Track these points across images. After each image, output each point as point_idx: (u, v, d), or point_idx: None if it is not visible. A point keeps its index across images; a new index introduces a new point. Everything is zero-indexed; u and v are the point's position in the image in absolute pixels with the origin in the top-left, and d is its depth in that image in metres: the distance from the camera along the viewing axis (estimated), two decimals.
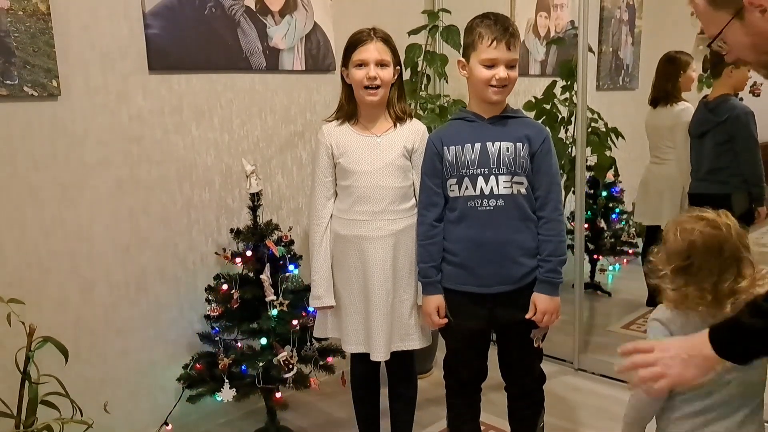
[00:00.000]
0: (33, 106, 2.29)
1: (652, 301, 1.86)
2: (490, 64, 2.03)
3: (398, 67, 2.29)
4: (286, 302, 2.56)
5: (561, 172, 3.31)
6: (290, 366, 2.55)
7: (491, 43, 2.01)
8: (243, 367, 2.57)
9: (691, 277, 1.59)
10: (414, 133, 2.28)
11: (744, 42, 1.35)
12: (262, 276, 2.54)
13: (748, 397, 1.61)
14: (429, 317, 2.21)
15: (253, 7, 2.82)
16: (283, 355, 2.54)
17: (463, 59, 2.12)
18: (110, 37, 2.45)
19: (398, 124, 2.28)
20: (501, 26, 2.02)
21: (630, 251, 4.45)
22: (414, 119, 2.35)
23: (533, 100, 3.64)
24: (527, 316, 2.10)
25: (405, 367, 2.42)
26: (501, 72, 2.02)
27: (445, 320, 2.20)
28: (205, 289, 2.68)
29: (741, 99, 3.65)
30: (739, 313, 1.37)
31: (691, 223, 1.62)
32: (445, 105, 3.30)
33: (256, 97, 2.93)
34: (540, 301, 2.10)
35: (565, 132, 3.67)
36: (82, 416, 2.06)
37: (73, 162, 2.41)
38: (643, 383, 1.42)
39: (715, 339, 1.36)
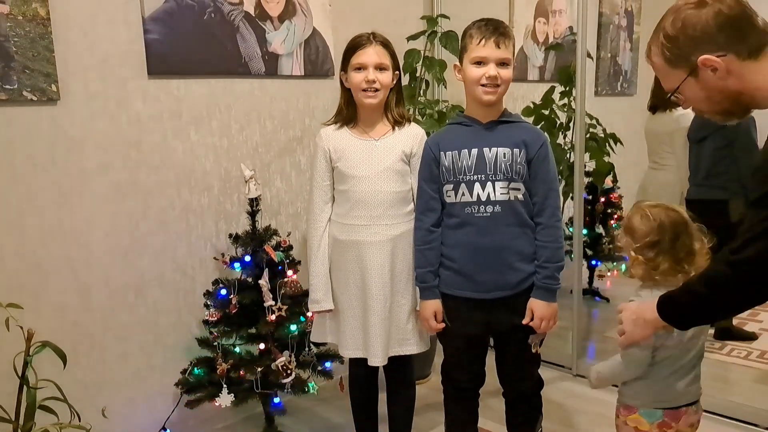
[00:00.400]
0: (32, 110, 2.30)
1: None
2: (480, 62, 2.04)
3: (397, 72, 2.29)
4: (285, 307, 2.56)
5: (559, 177, 3.33)
6: (288, 371, 2.55)
7: (480, 41, 2.03)
8: (241, 372, 2.57)
9: (664, 251, 1.79)
10: (412, 137, 2.29)
11: (699, 95, 1.53)
12: (260, 281, 2.55)
13: (698, 360, 1.86)
14: (426, 322, 2.21)
15: (252, 12, 2.83)
16: (282, 360, 2.55)
17: (458, 64, 2.14)
18: (110, 42, 2.46)
19: (396, 129, 2.29)
20: (491, 26, 2.04)
21: None
22: (413, 124, 2.35)
23: (532, 106, 3.65)
24: (524, 322, 2.11)
25: (403, 371, 2.43)
26: (491, 70, 2.02)
27: (443, 325, 2.20)
28: (204, 294, 2.68)
29: None
30: (678, 288, 1.60)
31: (653, 207, 1.84)
32: (444, 110, 3.31)
33: (255, 102, 2.94)
34: (537, 307, 2.10)
35: (564, 137, 3.68)
36: (80, 421, 2.05)
37: (72, 166, 2.41)
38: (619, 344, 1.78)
39: (660, 307, 1.63)
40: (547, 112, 3.64)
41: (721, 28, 1.45)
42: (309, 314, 2.55)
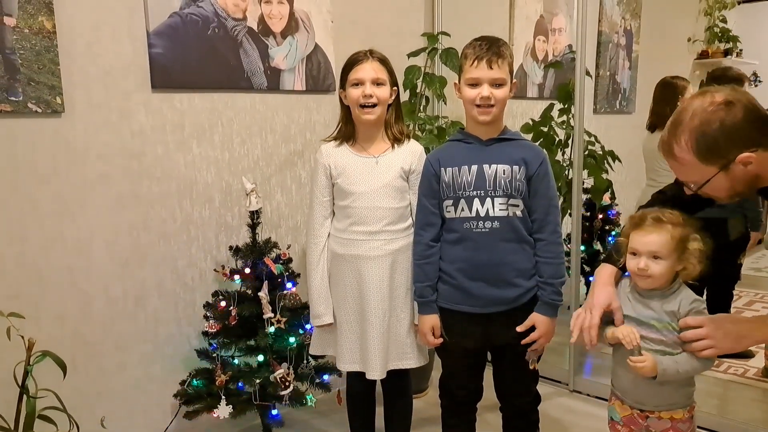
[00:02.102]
0: (37, 122, 2.32)
1: None
2: (474, 83, 2.06)
3: (395, 88, 2.32)
4: (284, 320, 2.57)
5: (558, 194, 3.34)
6: (287, 383, 2.56)
7: (473, 62, 2.05)
8: (240, 384, 2.58)
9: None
10: (411, 154, 2.31)
11: (724, 186, 1.61)
12: (260, 293, 2.56)
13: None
14: (424, 337, 2.23)
15: (255, 28, 2.86)
16: (280, 372, 2.56)
17: (457, 83, 2.16)
18: (114, 55, 2.48)
19: (396, 146, 2.31)
20: (485, 46, 2.05)
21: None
22: (412, 140, 2.38)
23: (531, 123, 3.68)
24: (520, 330, 2.12)
25: (400, 384, 2.44)
26: (484, 91, 2.04)
27: (441, 340, 2.21)
28: (204, 306, 2.69)
29: None
30: None
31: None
32: (444, 126, 3.33)
33: (257, 116, 2.96)
34: (540, 321, 2.12)
35: (562, 154, 3.71)
36: (78, 431, 2.07)
37: (75, 177, 2.43)
38: (695, 351, 1.80)
39: None
40: (546, 129, 3.67)
41: (753, 125, 1.54)
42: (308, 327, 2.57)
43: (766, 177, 1.61)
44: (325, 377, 2.73)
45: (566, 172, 3.60)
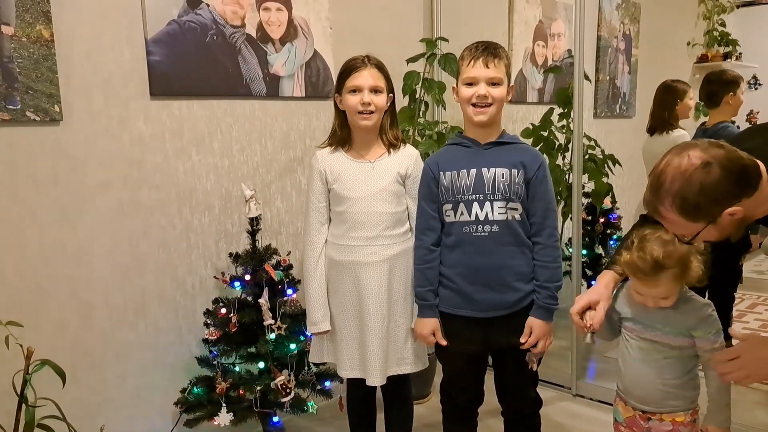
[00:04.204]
0: (35, 130, 2.32)
1: None
2: (471, 82, 2.07)
3: (391, 94, 2.32)
4: (284, 326, 2.57)
5: (558, 198, 3.34)
6: (288, 390, 2.55)
7: (470, 62, 2.07)
8: (241, 391, 2.56)
9: None
10: (407, 158, 2.31)
11: (715, 234, 1.64)
12: (260, 300, 2.55)
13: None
14: (424, 339, 2.22)
15: (254, 35, 2.86)
16: (281, 379, 2.55)
17: (455, 86, 2.17)
18: (113, 63, 2.48)
19: (391, 151, 2.31)
20: (481, 47, 2.08)
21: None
22: (408, 145, 2.38)
23: (531, 127, 3.68)
24: (522, 340, 2.12)
25: (400, 390, 2.43)
26: (480, 89, 2.05)
27: (442, 339, 2.20)
28: (204, 313, 2.69)
29: (738, 127, 3.69)
30: None
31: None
32: (443, 131, 3.33)
33: (256, 122, 2.96)
34: (537, 326, 2.11)
35: (563, 159, 3.70)
36: None
37: (74, 185, 2.43)
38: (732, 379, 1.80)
39: None
40: (545, 134, 3.67)
41: (732, 182, 1.54)
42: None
43: (755, 214, 1.64)
44: (327, 384, 2.73)
45: (566, 176, 3.59)
